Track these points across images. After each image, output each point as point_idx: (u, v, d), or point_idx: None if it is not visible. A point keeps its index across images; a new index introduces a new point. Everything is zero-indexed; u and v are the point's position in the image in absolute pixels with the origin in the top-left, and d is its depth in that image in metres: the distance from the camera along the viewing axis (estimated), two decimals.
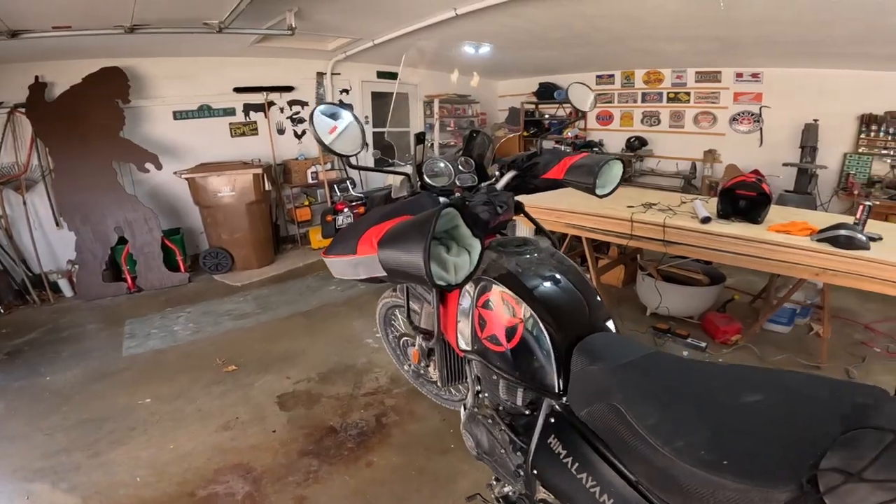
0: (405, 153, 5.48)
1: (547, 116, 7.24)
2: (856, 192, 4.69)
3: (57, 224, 4.30)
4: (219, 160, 4.78)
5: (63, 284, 4.22)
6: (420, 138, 1.33)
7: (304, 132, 5.74)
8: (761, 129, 5.55)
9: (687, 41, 4.41)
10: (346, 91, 6.01)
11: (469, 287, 1.22)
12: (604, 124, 6.80)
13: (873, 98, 4.72)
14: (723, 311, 3.36)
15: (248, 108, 5.25)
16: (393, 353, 2.46)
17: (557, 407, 1.08)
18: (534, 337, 1.08)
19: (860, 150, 4.92)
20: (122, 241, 4.20)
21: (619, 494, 0.88)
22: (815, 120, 4.96)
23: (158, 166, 4.30)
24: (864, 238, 2.35)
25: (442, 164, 1.39)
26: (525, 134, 7.10)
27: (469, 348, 1.24)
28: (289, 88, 5.46)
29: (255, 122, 5.33)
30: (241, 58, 4.96)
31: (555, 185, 1.43)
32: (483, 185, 1.42)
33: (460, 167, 1.43)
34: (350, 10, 3.73)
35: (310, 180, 5.47)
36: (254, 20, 3.61)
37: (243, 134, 5.27)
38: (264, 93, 5.27)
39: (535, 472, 1.13)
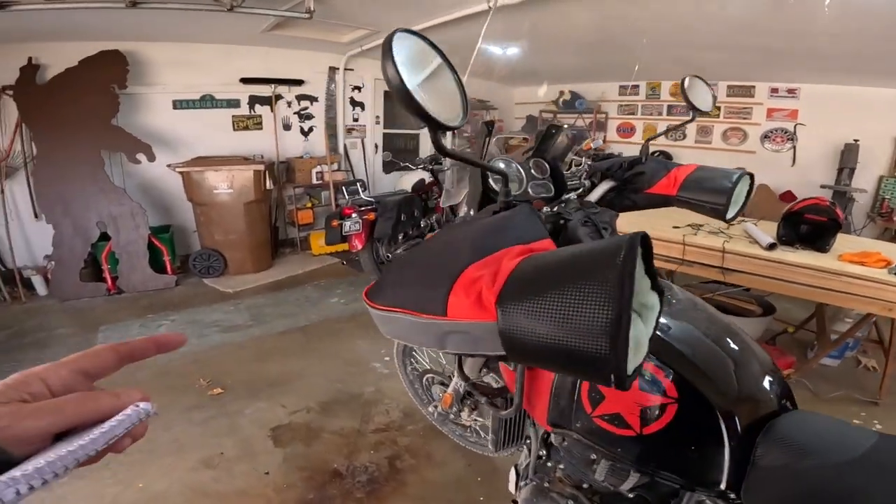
0: (413, 156, 5.11)
1: (566, 126, 6.92)
2: None
3: (35, 215, 3.95)
4: (218, 154, 4.43)
5: (37, 281, 3.86)
6: (489, 128, 0.97)
7: (311, 129, 5.39)
8: (794, 147, 5.25)
9: (728, 50, 4.10)
10: (358, 88, 5.69)
11: None
12: (625, 136, 6.49)
13: None
14: (772, 343, 3.03)
15: (253, 101, 4.92)
16: (412, 391, 2.07)
17: None
18: (694, 421, 0.79)
19: None
20: (105, 237, 3.83)
21: None
22: (856, 140, 4.66)
23: (151, 157, 3.95)
24: None
25: (512, 166, 1.03)
26: None
27: (565, 424, 0.89)
28: (299, 82, 5.12)
29: (260, 116, 4.99)
30: (250, 46, 4.63)
31: (661, 202, 1.09)
32: (569, 196, 1.06)
33: (533, 171, 1.07)
34: None
35: (314, 181, 5.12)
36: (269, 1, 3.28)
37: (246, 128, 4.92)
38: (272, 85, 4.93)
39: None
